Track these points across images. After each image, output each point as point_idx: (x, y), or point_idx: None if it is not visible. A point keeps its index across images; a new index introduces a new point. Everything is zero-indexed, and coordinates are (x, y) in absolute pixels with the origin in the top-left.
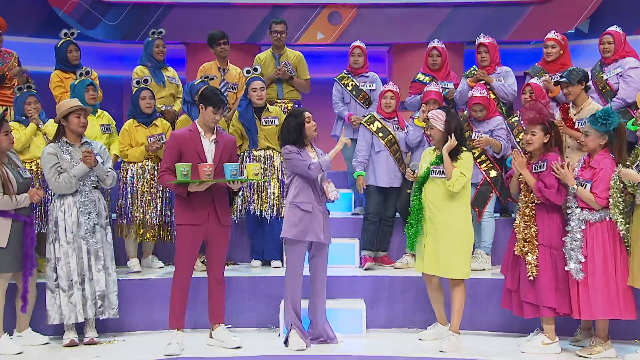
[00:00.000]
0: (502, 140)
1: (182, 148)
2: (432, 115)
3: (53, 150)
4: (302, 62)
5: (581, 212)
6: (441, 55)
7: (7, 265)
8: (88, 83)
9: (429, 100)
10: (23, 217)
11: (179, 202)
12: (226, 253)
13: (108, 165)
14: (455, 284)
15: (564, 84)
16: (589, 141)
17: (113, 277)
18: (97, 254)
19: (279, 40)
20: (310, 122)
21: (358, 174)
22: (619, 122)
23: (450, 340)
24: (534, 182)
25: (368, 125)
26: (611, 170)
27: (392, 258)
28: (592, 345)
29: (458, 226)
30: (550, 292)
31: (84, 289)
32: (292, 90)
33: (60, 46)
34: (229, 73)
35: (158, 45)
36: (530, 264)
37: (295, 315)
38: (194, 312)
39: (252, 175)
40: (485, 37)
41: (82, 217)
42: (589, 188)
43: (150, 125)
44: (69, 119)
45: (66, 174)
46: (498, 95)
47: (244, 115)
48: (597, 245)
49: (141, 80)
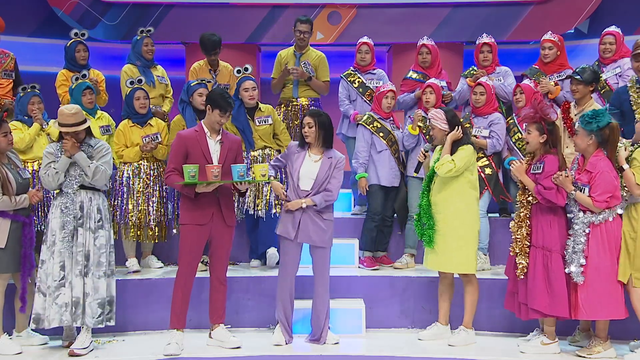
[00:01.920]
0: (496, 137)
1: (188, 148)
2: (431, 115)
3: (52, 149)
4: (323, 63)
5: (584, 215)
6: (431, 52)
7: (5, 266)
8: (85, 87)
9: (426, 89)
10: (22, 218)
11: (184, 201)
12: (229, 253)
13: (100, 162)
14: (466, 280)
15: (575, 81)
16: (578, 140)
17: (96, 284)
18: (75, 259)
19: (302, 40)
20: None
21: (360, 176)
22: (607, 122)
23: (460, 334)
24: (533, 186)
25: (368, 125)
26: (608, 172)
27: (390, 258)
28: (592, 345)
29: (464, 222)
30: (540, 294)
31: (58, 295)
32: (309, 89)
33: (69, 46)
34: (220, 74)
35: (147, 44)
36: (521, 264)
37: (283, 311)
38: (197, 312)
39: (260, 177)
40: (489, 37)
41: (62, 218)
42: (587, 192)
43: (145, 126)
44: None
45: (51, 169)
46: (498, 94)
47: (237, 117)
48: (599, 247)
49: (135, 80)
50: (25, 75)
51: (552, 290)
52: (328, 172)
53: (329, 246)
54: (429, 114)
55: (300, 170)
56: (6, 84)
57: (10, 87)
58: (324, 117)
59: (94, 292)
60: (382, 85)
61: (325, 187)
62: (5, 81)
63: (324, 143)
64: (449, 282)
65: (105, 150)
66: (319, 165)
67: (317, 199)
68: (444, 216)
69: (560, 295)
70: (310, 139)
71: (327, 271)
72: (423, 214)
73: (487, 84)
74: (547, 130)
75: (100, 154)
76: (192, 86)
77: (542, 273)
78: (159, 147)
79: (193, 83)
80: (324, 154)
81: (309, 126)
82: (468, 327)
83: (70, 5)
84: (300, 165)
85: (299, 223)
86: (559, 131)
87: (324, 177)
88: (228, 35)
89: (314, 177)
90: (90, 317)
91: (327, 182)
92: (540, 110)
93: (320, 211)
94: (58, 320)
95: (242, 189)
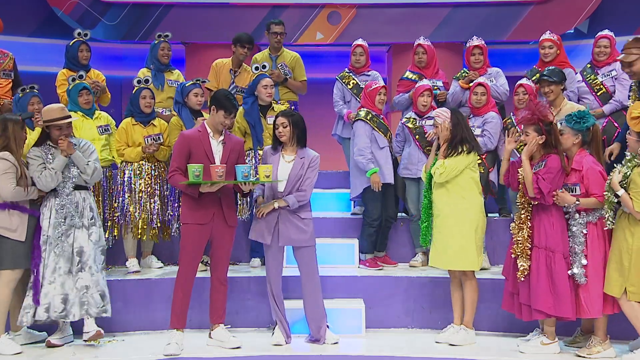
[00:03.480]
0: (488, 135)
1: (191, 148)
2: (436, 113)
3: (38, 152)
4: (298, 64)
5: (580, 216)
6: (427, 52)
7: (23, 260)
8: (81, 87)
9: (424, 92)
10: (38, 213)
11: (186, 200)
12: (230, 254)
13: (92, 159)
14: (466, 278)
15: (546, 82)
16: (564, 140)
17: (96, 277)
18: (67, 257)
19: (278, 42)
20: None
21: (373, 172)
22: (593, 122)
23: (460, 334)
24: (531, 176)
25: (369, 121)
26: (595, 167)
27: (390, 257)
28: (591, 345)
29: (463, 219)
30: (544, 295)
31: (48, 292)
32: (289, 91)
33: (72, 45)
34: (240, 76)
35: (163, 49)
36: (522, 266)
37: (279, 311)
38: (197, 312)
39: (264, 177)
40: (479, 39)
41: (57, 219)
42: (578, 190)
43: (147, 125)
44: (50, 128)
45: (47, 170)
46: (492, 95)
47: (250, 113)
48: (599, 244)
49: (142, 79)
50: (25, 76)
51: (555, 290)
52: (301, 172)
53: (312, 244)
54: (433, 113)
55: (277, 173)
56: (5, 84)
57: (9, 87)
58: (297, 116)
59: (94, 285)
60: (372, 82)
61: (299, 187)
62: (4, 81)
63: (298, 142)
64: (457, 282)
65: (92, 147)
66: (291, 165)
67: (290, 199)
68: (446, 214)
69: (564, 295)
70: (285, 138)
71: (315, 271)
72: (424, 212)
73: (487, 84)
74: (545, 130)
75: (89, 152)
76: (187, 87)
77: (546, 274)
78: (160, 148)
79: (188, 83)
80: (297, 153)
81: (283, 126)
82: (468, 326)
83: (70, 5)
84: (277, 168)
85: (276, 227)
86: (558, 131)
87: (296, 178)
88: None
89: (287, 177)
90: (94, 306)
91: (300, 182)
92: (537, 111)
93: (297, 211)
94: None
95: (246, 189)
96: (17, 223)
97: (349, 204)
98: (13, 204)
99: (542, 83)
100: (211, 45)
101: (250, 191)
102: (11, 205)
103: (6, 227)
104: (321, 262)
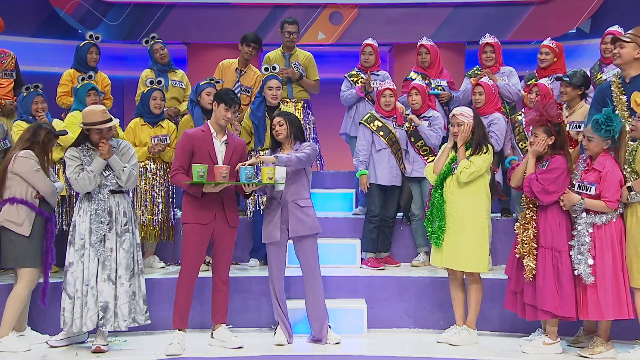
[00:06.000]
0: (495, 137)
1: (194, 147)
2: (458, 111)
3: (75, 153)
4: (311, 63)
5: (587, 215)
6: (430, 52)
7: (32, 260)
8: (90, 87)
9: (411, 90)
10: (46, 213)
11: (187, 200)
12: (232, 254)
13: (131, 164)
14: (472, 279)
15: (564, 83)
16: (593, 146)
17: (125, 288)
18: (103, 264)
19: (290, 41)
20: None
21: (361, 173)
22: (621, 126)
23: (462, 334)
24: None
25: (368, 124)
26: (616, 171)
27: (393, 258)
28: (594, 345)
29: (478, 221)
30: (550, 295)
31: (87, 299)
32: (302, 90)
33: (82, 46)
34: (245, 75)
35: (157, 50)
36: (529, 266)
37: (278, 312)
38: (199, 312)
39: (267, 179)
40: (491, 37)
41: (94, 224)
42: (593, 190)
43: (155, 126)
44: (90, 131)
45: (84, 172)
46: (502, 94)
47: (255, 112)
48: (606, 247)
49: (155, 80)
50: (27, 75)
51: (562, 291)
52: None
53: (314, 233)
54: (455, 111)
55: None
56: (7, 84)
57: (11, 87)
58: (292, 116)
59: (124, 296)
60: (381, 84)
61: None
62: (6, 81)
63: (295, 139)
64: (459, 284)
65: (132, 151)
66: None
67: (283, 157)
68: (462, 215)
69: (569, 295)
70: (282, 136)
71: (317, 268)
72: (435, 212)
73: (486, 84)
74: (554, 131)
75: (128, 155)
76: (201, 85)
77: (553, 274)
78: (166, 149)
79: (202, 82)
80: (293, 149)
81: (280, 124)
82: (471, 326)
83: (72, 5)
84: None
85: (280, 221)
86: (566, 131)
87: (293, 173)
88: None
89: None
90: (121, 319)
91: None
92: (545, 112)
93: (296, 201)
94: (86, 325)
95: (248, 191)
96: (23, 217)
97: (351, 204)
98: (23, 200)
99: (560, 83)
100: (213, 45)
101: (251, 192)
102: (20, 201)
103: (13, 220)
104: (323, 262)
